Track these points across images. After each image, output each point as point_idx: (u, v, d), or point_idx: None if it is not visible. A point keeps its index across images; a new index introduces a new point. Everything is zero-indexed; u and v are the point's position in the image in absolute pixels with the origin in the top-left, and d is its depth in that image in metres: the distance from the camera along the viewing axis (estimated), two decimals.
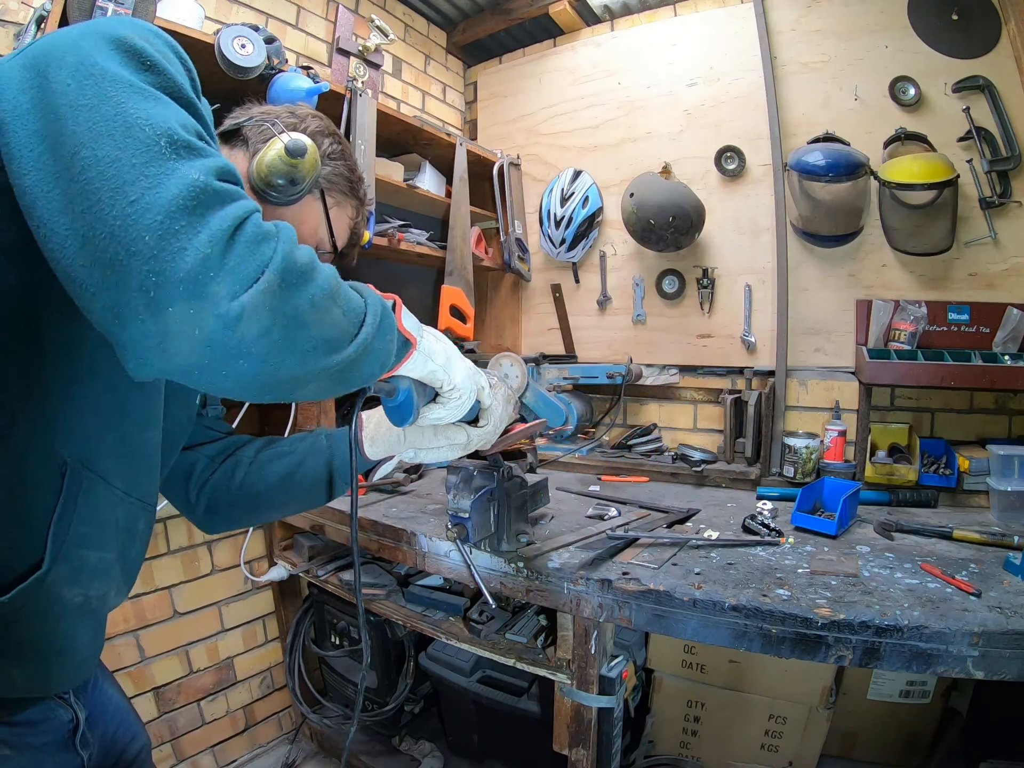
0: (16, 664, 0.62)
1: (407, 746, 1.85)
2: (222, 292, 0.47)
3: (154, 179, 0.47)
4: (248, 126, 0.88)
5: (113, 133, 0.47)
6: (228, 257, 0.47)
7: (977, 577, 1.14)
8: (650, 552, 1.28)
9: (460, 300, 2.19)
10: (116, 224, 0.45)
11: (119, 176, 0.46)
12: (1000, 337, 1.76)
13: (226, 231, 0.48)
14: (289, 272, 0.51)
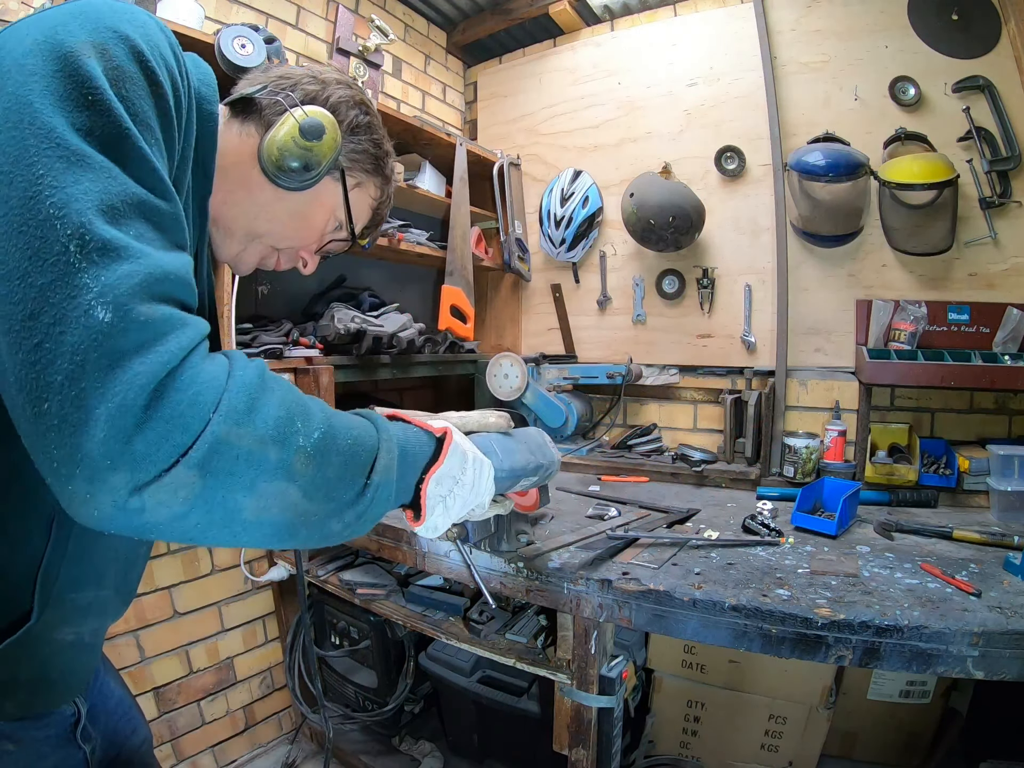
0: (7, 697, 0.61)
1: (407, 746, 1.85)
2: (120, 483, 0.40)
3: (58, 310, 0.40)
4: (262, 96, 0.76)
5: (24, 230, 0.41)
6: (134, 440, 0.40)
7: (977, 577, 1.14)
8: (650, 552, 1.28)
9: (460, 300, 2.19)
10: (22, 372, 0.40)
11: (25, 302, 0.40)
12: (1000, 337, 1.76)
13: (137, 401, 0.40)
14: (221, 458, 0.43)
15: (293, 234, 0.80)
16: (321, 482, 0.50)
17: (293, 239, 0.81)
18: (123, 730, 0.84)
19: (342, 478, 0.52)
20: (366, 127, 0.82)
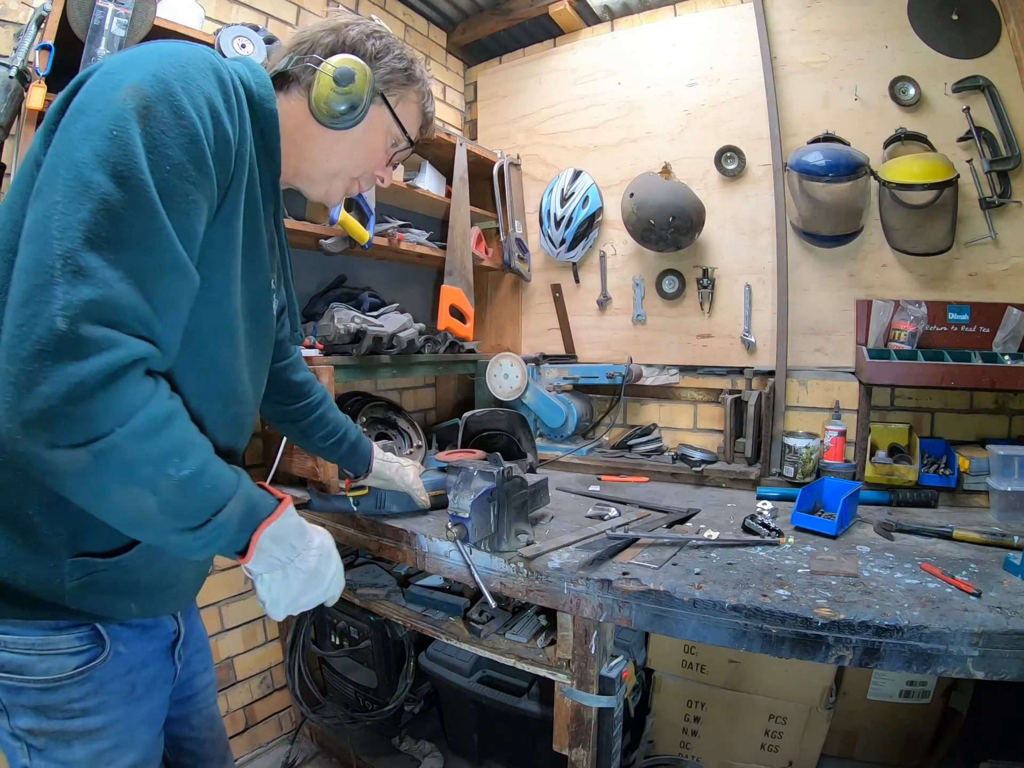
0: (132, 599, 0.78)
1: (407, 746, 1.85)
2: (41, 439, 0.55)
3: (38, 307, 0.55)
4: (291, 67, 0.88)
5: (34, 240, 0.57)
6: (61, 418, 0.55)
7: (977, 577, 1.14)
8: (650, 552, 1.28)
9: (460, 300, 2.19)
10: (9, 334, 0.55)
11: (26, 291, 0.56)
12: (1000, 337, 1.76)
13: (68, 391, 0.54)
14: (110, 456, 0.58)
15: (361, 162, 0.94)
16: (175, 504, 0.63)
17: (363, 165, 0.95)
18: (197, 665, 0.98)
19: (193, 509, 0.65)
20: (385, 49, 0.91)
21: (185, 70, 0.65)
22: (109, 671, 0.76)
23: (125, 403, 0.58)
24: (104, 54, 1.27)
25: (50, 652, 0.72)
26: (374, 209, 1.83)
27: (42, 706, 0.73)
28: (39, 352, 0.54)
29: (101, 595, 0.74)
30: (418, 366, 2.12)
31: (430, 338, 2.11)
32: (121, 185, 0.58)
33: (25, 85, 1.26)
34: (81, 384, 0.54)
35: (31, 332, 0.54)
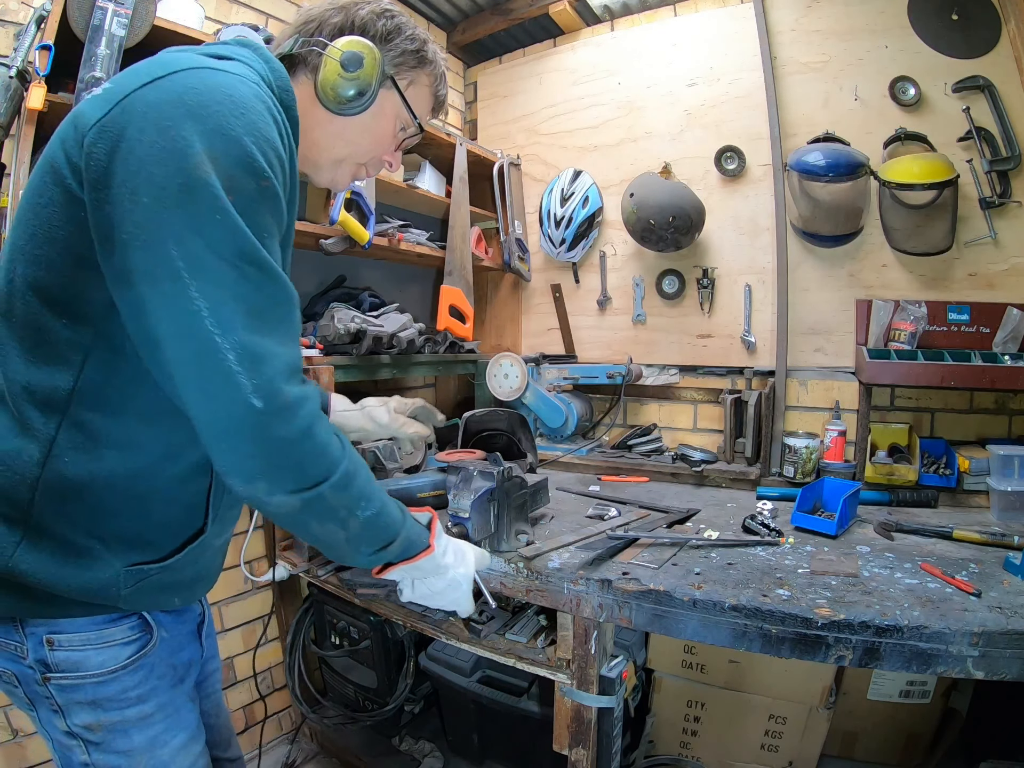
0: (177, 593, 0.83)
1: (407, 746, 1.85)
2: (262, 489, 0.68)
3: (226, 398, 0.63)
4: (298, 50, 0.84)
5: (187, 341, 0.62)
6: (280, 473, 0.68)
7: (977, 577, 1.14)
8: (650, 552, 1.28)
9: (460, 300, 2.19)
10: (210, 427, 0.65)
11: (202, 385, 0.63)
12: (1000, 337, 1.76)
13: (282, 452, 0.67)
14: (317, 504, 0.71)
15: (369, 147, 0.91)
16: (358, 537, 0.79)
17: (371, 151, 0.92)
18: (210, 650, 1.01)
19: (370, 540, 0.82)
20: (396, 30, 0.87)
21: (247, 118, 0.65)
22: (156, 656, 0.80)
23: (327, 458, 0.71)
24: (104, 54, 1.27)
25: (105, 644, 0.75)
26: (374, 209, 1.83)
27: (99, 699, 0.75)
28: (241, 431, 0.64)
29: (152, 594, 0.79)
30: (418, 366, 2.12)
31: (430, 338, 2.11)
32: (249, 265, 0.63)
33: (25, 85, 1.26)
34: (288, 444, 0.66)
35: (230, 418, 0.63)
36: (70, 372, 0.69)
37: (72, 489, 0.70)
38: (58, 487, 0.70)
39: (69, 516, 0.71)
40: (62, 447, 0.69)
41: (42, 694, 0.74)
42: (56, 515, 0.70)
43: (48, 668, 0.72)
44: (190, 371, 0.62)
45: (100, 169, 0.62)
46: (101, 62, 1.27)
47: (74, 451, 0.70)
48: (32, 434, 0.69)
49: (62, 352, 0.69)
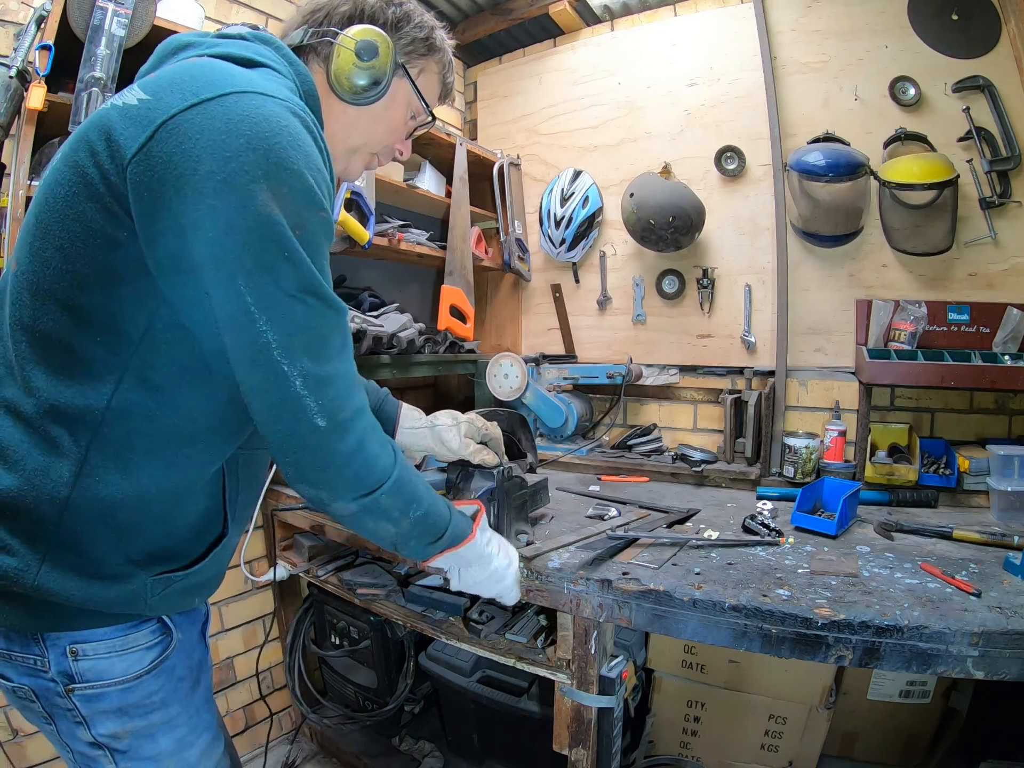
0: (198, 594, 0.86)
1: (407, 746, 1.85)
2: (327, 497, 0.77)
3: (295, 418, 0.70)
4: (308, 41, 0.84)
5: (257, 367, 0.67)
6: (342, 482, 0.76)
7: (977, 577, 1.14)
8: (650, 552, 1.28)
9: (460, 300, 2.19)
10: (281, 446, 0.72)
11: (272, 407, 0.70)
12: (1000, 337, 1.76)
13: (344, 468, 0.75)
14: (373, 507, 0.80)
15: (382, 136, 0.91)
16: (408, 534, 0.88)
17: (384, 140, 0.92)
18: None
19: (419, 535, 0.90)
20: (406, 18, 0.87)
21: (304, 151, 0.66)
22: (176, 659, 0.81)
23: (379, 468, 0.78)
24: (104, 54, 1.27)
25: (129, 650, 0.75)
26: (374, 209, 1.83)
27: (124, 706, 0.75)
28: (307, 447, 0.71)
29: (177, 598, 0.80)
30: (418, 366, 2.12)
31: (430, 338, 2.11)
32: (312, 297, 0.67)
33: (25, 85, 1.26)
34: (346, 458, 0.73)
35: (297, 436, 0.70)
36: (104, 391, 0.68)
37: (102, 508, 0.70)
38: (88, 506, 0.69)
39: (97, 534, 0.70)
40: (93, 466, 0.69)
41: (63, 706, 0.72)
42: (84, 533, 0.70)
43: (72, 679, 0.71)
44: (260, 396, 0.68)
45: (152, 197, 0.61)
46: (101, 62, 1.27)
47: (105, 470, 0.70)
48: (61, 452, 0.68)
49: (96, 371, 0.68)
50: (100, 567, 0.71)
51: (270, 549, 1.93)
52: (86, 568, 0.70)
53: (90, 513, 0.69)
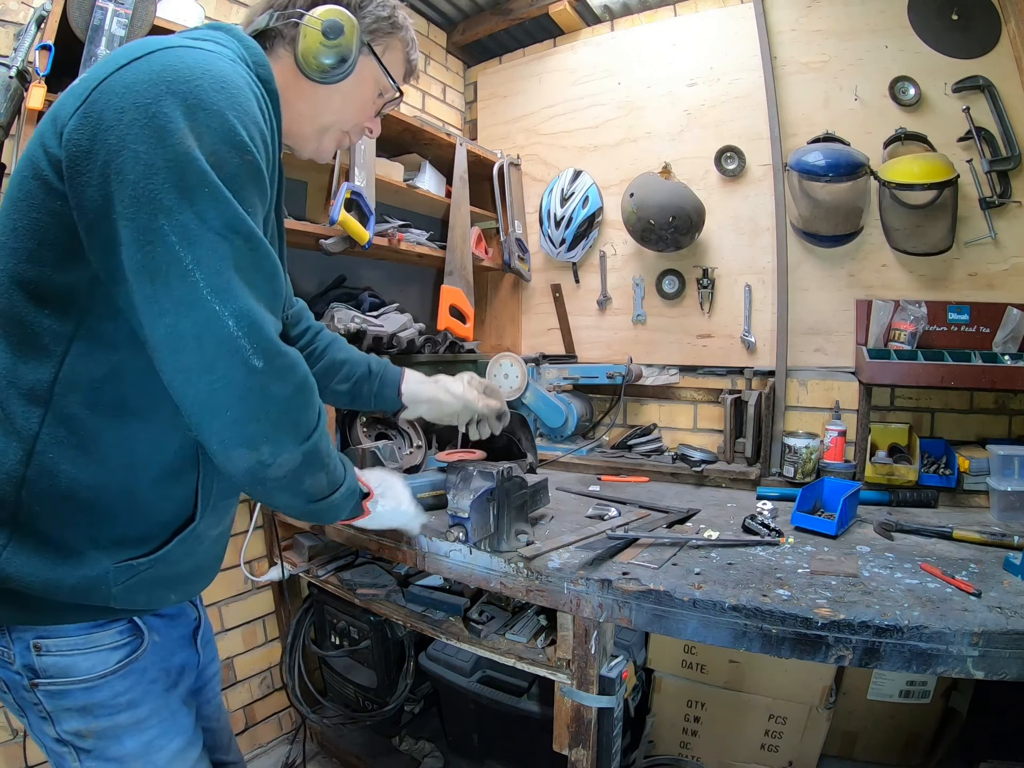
0: (173, 589, 0.82)
1: (407, 746, 1.85)
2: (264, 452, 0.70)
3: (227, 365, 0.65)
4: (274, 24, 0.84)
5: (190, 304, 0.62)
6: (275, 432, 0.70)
7: (977, 577, 1.14)
8: (650, 552, 1.28)
9: (460, 300, 2.19)
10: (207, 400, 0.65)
11: (201, 354, 0.64)
12: (1000, 337, 1.76)
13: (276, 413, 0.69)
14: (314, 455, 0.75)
15: (352, 114, 0.92)
16: (331, 478, 0.81)
17: (354, 118, 0.93)
18: (208, 655, 1.00)
19: (340, 475, 0.83)
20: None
21: (228, 92, 0.64)
22: (148, 660, 0.79)
23: (314, 406, 0.74)
24: (104, 54, 1.27)
25: (93, 649, 0.74)
26: (374, 209, 1.83)
27: (89, 705, 0.74)
28: (245, 396, 0.65)
29: (146, 591, 0.77)
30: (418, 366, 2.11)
31: (430, 338, 2.11)
32: (237, 236, 0.64)
33: (25, 85, 1.26)
34: (287, 400, 0.69)
35: (232, 385, 0.64)
36: (51, 363, 0.68)
37: (60, 487, 0.69)
38: (45, 485, 0.69)
39: (58, 515, 0.70)
40: (46, 443, 0.68)
41: (31, 700, 0.73)
42: (44, 514, 0.69)
43: (36, 674, 0.72)
44: (189, 343, 0.62)
45: (81, 154, 0.61)
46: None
47: (58, 447, 0.69)
48: (15, 430, 0.68)
49: (46, 344, 0.68)
50: (61, 550, 0.70)
51: (270, 549, 1.93)
52: (48, 551, 0.69)
53: (48, 492, 0.69)
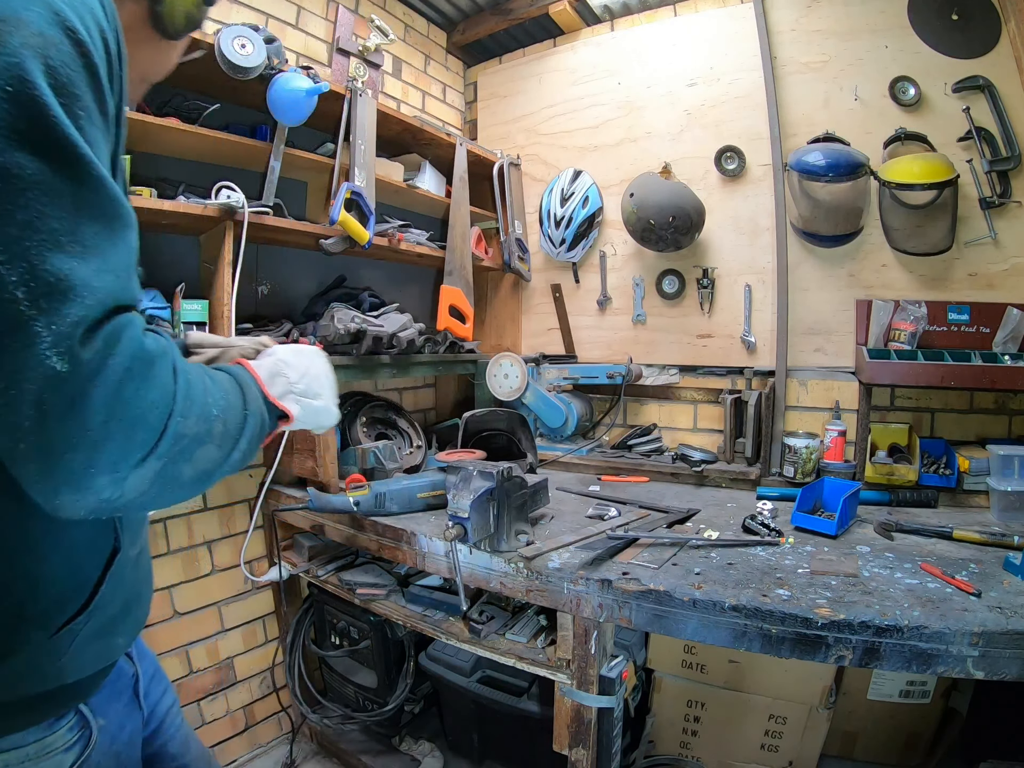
0: (119, 634, 0.74)
1: (407, 746, 1.85)
2: (103, 485, 0.48)
3: (14, 365, 0.43)
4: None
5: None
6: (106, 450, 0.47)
7: (977, 577, 1.14)
8: (650, 552, 1.28)
9: (459, 300, 2.19)
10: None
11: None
12: (1000, 337, 1.76)
13: (98, 419, 0.46)
14: (177, 445, 0.53)
15: (165, 69, 0.83)
16: (224, 431, 0.60)
17: (164, 72, 0.83)
18: (156, 693, 0.91)
19: (234, 421, 0.63)
20: None
21: None
22: (99, 751, 0.73)
23: (162, 392, 0.51)
24: None
25: (46, 755, 0.67)
26: (374, 209, 1.83)
27: None
28: (44, 410, 0.43)
29: (93, 646, 0.69)
30: (418, 366, 2.12)
31: (430, 338, 2.11)
32: (50, 158, 0.44)
33: None
34: (115, 406, 0.47)
35: (22, 395, 0.43)
36: None
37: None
38: None
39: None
40: None
41: None
42: None
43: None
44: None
45: None
46: None
47: None
48: None
49: None
50: None
51: (270, 549, 1.93)
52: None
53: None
